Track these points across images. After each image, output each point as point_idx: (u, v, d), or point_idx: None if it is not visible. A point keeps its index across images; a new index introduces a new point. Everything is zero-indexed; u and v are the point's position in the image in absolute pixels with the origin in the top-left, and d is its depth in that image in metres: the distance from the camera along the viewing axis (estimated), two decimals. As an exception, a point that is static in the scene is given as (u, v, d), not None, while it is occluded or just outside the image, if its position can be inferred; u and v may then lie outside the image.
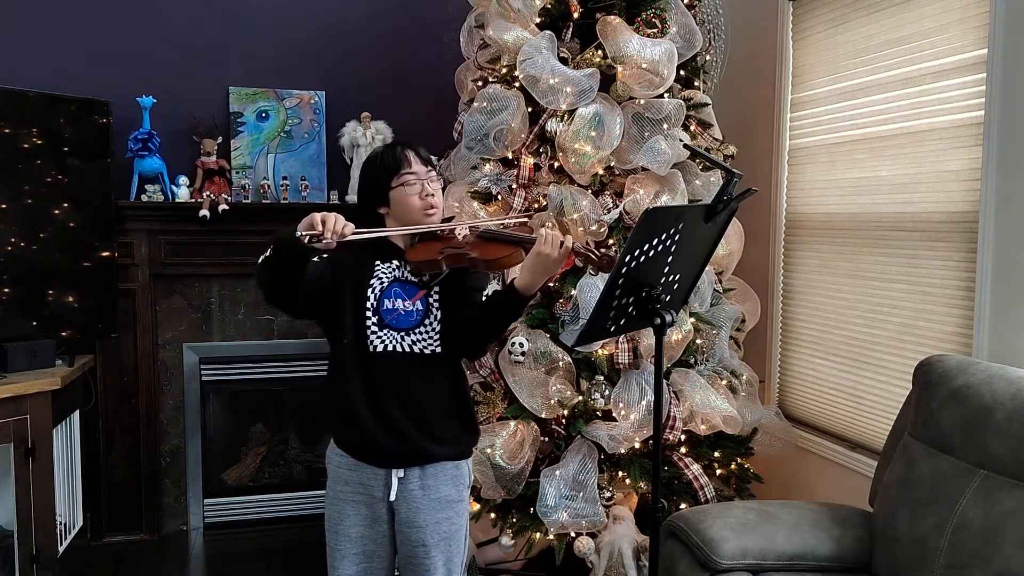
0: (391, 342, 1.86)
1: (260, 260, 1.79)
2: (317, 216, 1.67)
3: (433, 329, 1.89)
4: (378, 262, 1.89)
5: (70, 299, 3.04)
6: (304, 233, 1.66)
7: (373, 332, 1.86)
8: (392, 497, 1.88)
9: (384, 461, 1.88)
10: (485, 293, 1.97)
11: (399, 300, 1.88)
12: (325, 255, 1.80)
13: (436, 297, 1.90)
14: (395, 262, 1.91)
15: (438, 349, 1.89)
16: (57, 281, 3.01)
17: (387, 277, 1.89)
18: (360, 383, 1.86)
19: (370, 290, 1.87)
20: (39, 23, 3.35)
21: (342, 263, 1.87)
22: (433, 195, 1.90)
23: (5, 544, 2.85)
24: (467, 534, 2.01)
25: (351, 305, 1.86)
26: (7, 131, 2.87)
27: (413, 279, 1.90)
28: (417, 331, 1.88)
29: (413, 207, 1.89)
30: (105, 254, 3.14)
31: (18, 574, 2.76)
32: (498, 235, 1.91)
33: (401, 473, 1.88)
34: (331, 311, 1.88)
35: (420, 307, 1.89)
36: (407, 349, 1.87)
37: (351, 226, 1.71)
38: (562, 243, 1.74)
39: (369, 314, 1.86)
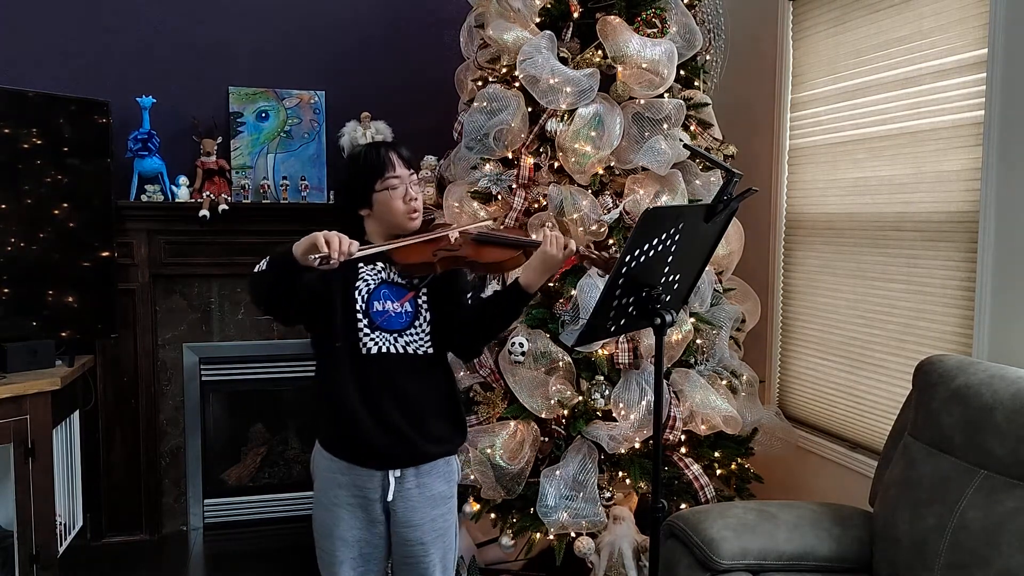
0: (384, 344, 1.86)
1: (256, 272, 1.80)
2: (321, 237, 1.68)
3: (423, 330, 1.90)
4: (361, 265, 1.89)
5: (70, 299, 3.04)
6: (314, 257, 1.67)
7: (366, 334, 1.85)
8: (390, 498, 1.87)
9: (381, 462, 1.88)
10: (482, 293, 1.98)
11: (388, 302, 1.88)
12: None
13: (424, 299, 1.91)
14: (379, 264, 1.90)
15: (430, 350, 1.90)
16: (57, 281, 3.01)
17: (373, 280, 1.89)
18: (355, 386, 1.85)
19: (357, 293, 1.87)
20: (39, 23, 3.35)
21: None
22: (416, 199, 1.91)
23: (5, 544, 2.85)
24: (457, 530, 2.02)
25: (340, 308, 1.86)
26: (7, 131, 2.87)
27: (400, 281, 1.91)
28: (409, 332, 1.88)
29: (397, 211, 1.89)
30: (105, 254, 3.14)
31: (18, 574, 2.76)
32: (496, 238, 1.91)
33: (397, 473, 1.88)
34: (321, 316, 1.87)
35: (409, 309, 1.89)
36: (401, 350, 1.87)
37: (356, 244, 1.72)
38: (566, 245, 1.79)
39: (359, 316, 1.86)
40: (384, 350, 1.86)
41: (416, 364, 1.88)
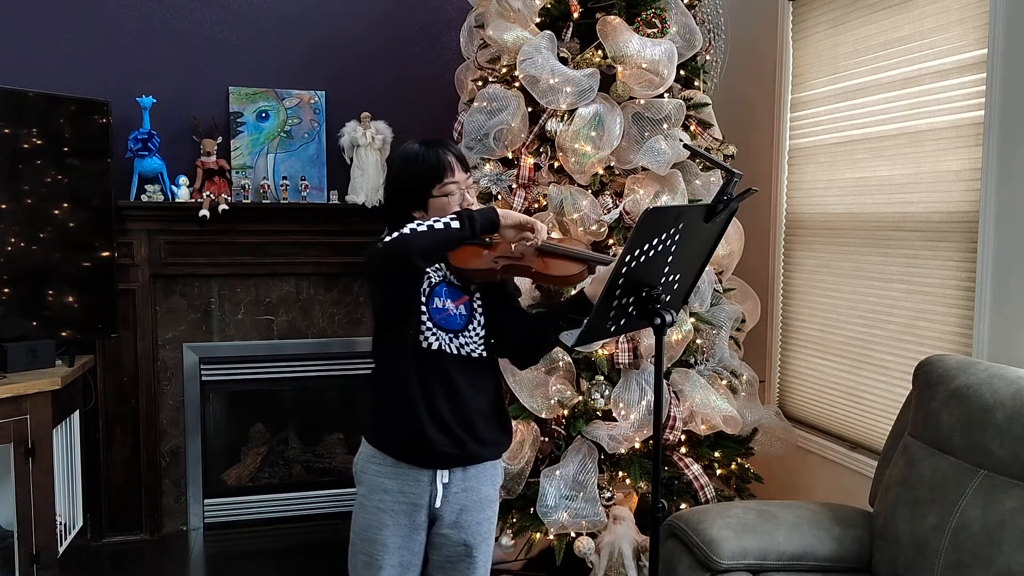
0: (442, 342, 1.84)
1: (432, 230, 1.69)
2: (536, 220, 1.75)
3: (477, 334, 1.87)
4: None
5: (70, 299, 3.04)
6: (528, 238, 1.76)
7: (428, 329, 1.83)
8: (437, 504, 1.85)
9: (431, 460, 1.84)
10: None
11: (448, 300, 1.85)
12: None
13: (479, 303, 1.89)
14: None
15: (484, 353, 1.88)
16: (57, 281, 3.01)
17: (435, 276, 1.85)
18: (416, 379, 1.82)
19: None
20: (39, 23, 3.35)
21: None
22: (473, 203, 1.87)
23: (5, 544, 2.85)
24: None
25: (412, 298, 1.83)
26: (7, 131, 2.87)
27: (457, 283, 1.88)
28: (464, 334, 1.86)
29: None
30: (105, 254, 3.14)
31: (18, 574, 2.76)
32: (562, 251, 1.87)
33: (446, 478, 1.85)
34: (402, 301, 1.82)
35: (464, 311, 1.87)
36: (455, 351, 1.84)
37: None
38: None
39: (422, 309, 1.83)
40: (442, 348, 1.83)
41: (468, 366, 1.86)
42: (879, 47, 2.71)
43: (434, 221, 1.71)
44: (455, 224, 1.70)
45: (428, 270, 1.85)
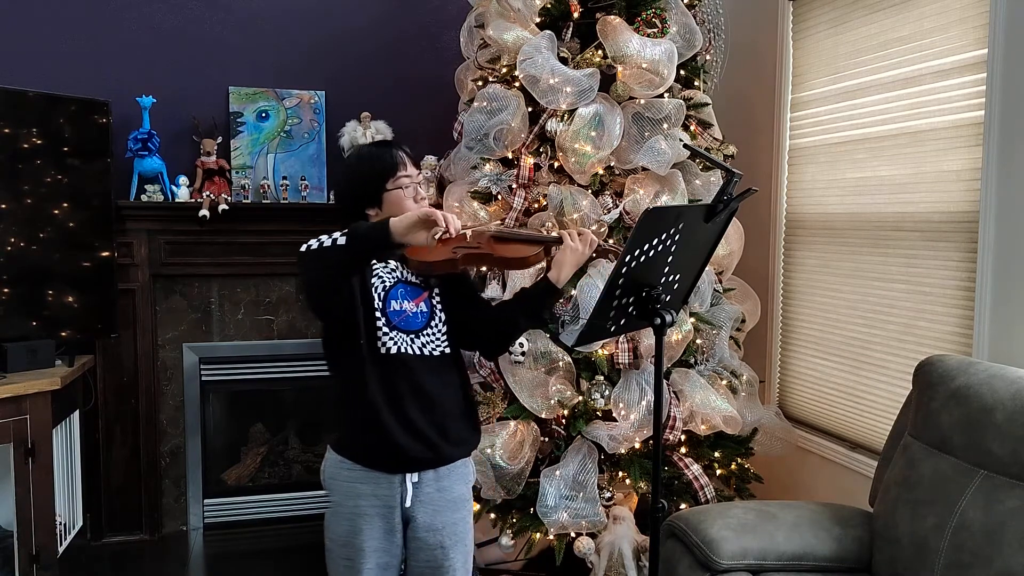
0: (402, 344, 1.83)
1: (321, 248, 1.69)
2: (438, 213, 1.63)
3: (439, 330, 1.88)
4: (375, 261, 1.86)
5: (70, 299, 3.04)
6: (435, 232, 1.62)
7: (385, 334, 1.82)
8: (408, 503, 1.84)
9: (403, 466, 1.84)
10: (482, 293, 1.97)
11: (405, 301, 1.85)
12: None
13: (437, 298, 1.90)
14: (391, 263, 1.89)
15: (447, 350, 1.88)
16: (57, 281, 3.01)
17: (389, 278, 1.86)
18: (379, 386, 1.80)
19: (373, 290, 1.83)
20: (39, 23, 3.35)
21: None
22: (425, 198, 1.90)
23: (5, 544, 2.85)
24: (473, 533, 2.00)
25: (361, 306, 1.82)
26: (7, 131, 2.87)
27: (415, 280, 1.88)
28: (425, 333, 1.86)
29: (408, 210, 1.82)
30: (105, 254, 3.14)
31: (18, 574, 2.76)
32: (517, 235, 1.91)
33: (415, 478, 1.85)
34: (346, 312, 1.81)
35: (425, 309, 1.87)
36: (418, 351, 1.84)
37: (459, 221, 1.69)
38: (591, 240, 1.86)
39: (378, 315, 1.82)
40: (403, 350, 1.83)
41: (433, 365, 1.86)
42: (879, 47, 2.71)
43: (327, 237, 1.69)
44: (342, 241, 1.67)
45: (381, 273, 1.85)
